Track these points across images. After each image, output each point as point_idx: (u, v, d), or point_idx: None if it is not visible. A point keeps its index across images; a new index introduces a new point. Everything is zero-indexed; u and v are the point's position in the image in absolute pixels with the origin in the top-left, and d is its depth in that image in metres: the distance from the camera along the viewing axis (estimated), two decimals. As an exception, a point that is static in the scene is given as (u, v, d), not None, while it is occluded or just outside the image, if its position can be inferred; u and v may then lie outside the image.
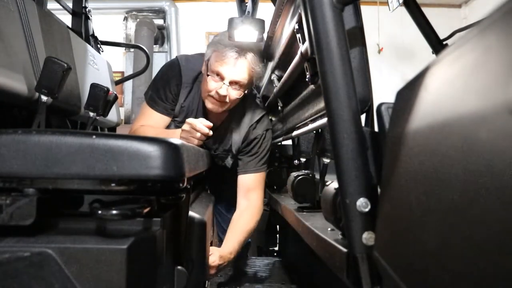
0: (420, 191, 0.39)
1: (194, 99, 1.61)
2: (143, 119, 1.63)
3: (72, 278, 0.58)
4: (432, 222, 0.36)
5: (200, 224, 0.92)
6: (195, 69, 1.61)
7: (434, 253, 0.35)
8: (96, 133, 0.63)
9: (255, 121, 1.64)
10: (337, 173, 0.63)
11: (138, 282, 0.62)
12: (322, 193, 0.81)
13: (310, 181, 1.18)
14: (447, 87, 0.37)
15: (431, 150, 0.37)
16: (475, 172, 0.29)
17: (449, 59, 0.38)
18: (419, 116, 0.42)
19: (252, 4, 1.42)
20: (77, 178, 0.62)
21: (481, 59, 0.31)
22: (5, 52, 1.12)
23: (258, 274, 1.75)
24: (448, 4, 5.49)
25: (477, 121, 0.29)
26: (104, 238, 0.62)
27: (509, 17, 0.28)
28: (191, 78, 1.60)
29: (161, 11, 5.34)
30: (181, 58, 1.66)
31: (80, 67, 1.74)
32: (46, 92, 1.18)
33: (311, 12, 0.65)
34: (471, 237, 0.29)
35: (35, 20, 1.36)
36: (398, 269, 0.44)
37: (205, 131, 1.40)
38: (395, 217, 0.47)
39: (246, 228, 1.58)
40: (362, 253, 0.60)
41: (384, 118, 0.61)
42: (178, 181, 0.68)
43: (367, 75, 0.79)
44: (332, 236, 0.79)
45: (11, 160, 0.59)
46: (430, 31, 1.56)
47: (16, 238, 0.60)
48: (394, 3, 1.45)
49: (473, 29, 0.34)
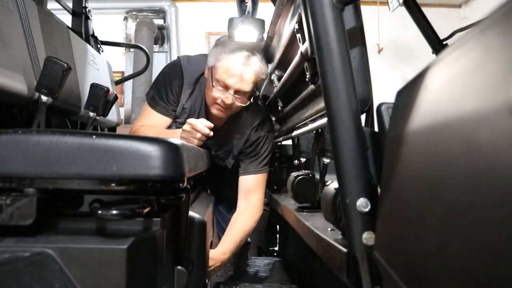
0: (420, 191, 0.39)
1: (196, 100, 1.60)
2: (143, 119, 1.62)
3: (72, 278, 0.58)
4: (432, 222, 0.36)
5: (200, 224, 0.92)
6: (197, 70, 1.60)
7: (434, 253, 0.35)
8: (96, 133, 0.63)
9: (257, 123, 1.63)
10: (337, 173, 0.63)
11: (138, 282, 0.62)
12: (322, 193, 0.81)
13: (310, 181, 1.18)
14: (447, 87, 0.37)
15: (431, 150, 0.37)
16: (475, 172, 0.29)
17: (449, 59, 0.38)
18: (419, 116, 0.42)
19: (252, 4, 1.42)
20: (77, 178, 0.62)
21: (481, 59, 0.31)
22: (5, 52, 1.13)
23: (258, 274, 1.75)
24: (448, 4, 5.49)
25: (477, 121, 0.29)
26: (104, 238, 0.62)
27: (509, 17, 0.28)
28: (193, 79, 1.59)
29: (161, 11, 5.34)
30: (183, 58, 1.65)
31: (80, 67, 1.74)
32: (46, 92, 1.18)
33: (311, 12, 0.65)
34: (471, 237, 0.29)
35: (35, 20, 1.36)
36: (398, 269, 0.44)
37: (206, 132, 1.39)
38: (395, 217, 0.47)
39: (243, 228, 1.58)
40: (362, 253, 0.60)
41: (384, 118, 0.61)
42: (178, 181, 0.68)
43: (367, 75, 0.79)
44: (332, 236, 0.79)
45: (11, 160, 0.59)
46: (430, 31, 1.56)
47: (16, 238, 0.60)
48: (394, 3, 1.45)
49: (473, 29, 0.34)
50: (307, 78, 0.92)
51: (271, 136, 1.69)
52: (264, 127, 1.66)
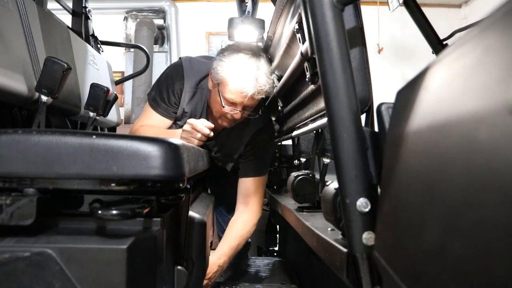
0: (420, 191, 0.39)
1: (197, 105, 1.59)
2: (144, 119, 1.62)
3: (72, 278, 0.58)
4: (432, 222, 0.36)
5: (200, 224, 0.92)
6: (199, 73, 1.58)
7: (434, 253, 0.35)
8: (96, 133, 0.63)
9: (259, 127, 1.62)
10: (337, 173, 0.63)
11: (138, 282, 0.62)
12: (322, 193, 0.81)
13: (310, 181, 1.18)
14: (447, 87, 0.37)
15: (431, 150, 0.37)
16: (475, 172, 0.29)
17: (449, 59, 0.38)
18: (419, 116, 0.42)
19: (252, 4, 1.42)
20: (77, 178, 0.62)
21: (481, 59, 0.31)
22: (5, 52, 1.13)
23: (258, 274, 1.75)
24: (448, 4, 5.49)
25: (477, 121, 0.29)
26: (104, 238, 0.62)
27: (509, 17, 0.28)
28: (194, 82, 1.58)
29: (161, 11, 5.34)
30: (185, 60, 1.63)
31: (80, 67, 1.74)
32: (46, 92, 1.18)
33: (311, 12, 0.65)
34: (471, 237, 0.29)
35: (35, 20, 1.36)
36: (398, 269, 0.44)
37: (206, 132, 1.39)
38: (395, 217, 0.47)
39: (241, 233, 1.58)
40: (362, 253, 0.60)
41: (384, 118, 0.61)
42: (178, 181, 0.68)
43: (367, 75, 0.79)
44: (332, 236, 0.79)
45: (11, 160, 0.59)
46: (430, 31, 1.56)
47: (16, 238, 0.60)
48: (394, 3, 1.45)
49: (473, 29, 0.34)
50: (307, 78, 0.92)
51: (272, 141, 1.69)
52: (266, 131, 1.65)
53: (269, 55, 1.51)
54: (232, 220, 1.62)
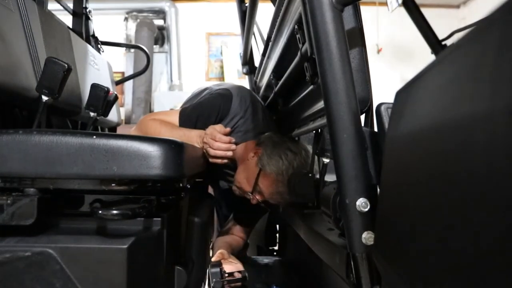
0: (419, 191, 0.39)
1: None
2: (163, 115, 1.51)
3: (72, 277, 0.58)
4: (431, 222, 0.36)
5: (200, 224, 0.92)
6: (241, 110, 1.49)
7: (433, 253, 0.35)
8: (97, 133, 0.63)
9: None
10: (336, 173, 0.63)
11: (138, 281, 0.62)
12: (322, 193, 0.81)
13: (310, 181, 1.18)
14: (446, 88, 0.37)
15: (430, 150, 0.38)
16: (475, 172, 0.29)
17: (448, 59, 0.38)
18: (418, 116, 0.42)
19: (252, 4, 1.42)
20: (77, 178, 0.62)
21: (480, 59, 0.31)
22: (6, 52, 1.13)
23: (258, 274, 1.75)
24: (446, 5, 5.50)
25: (476, 121, 0.29)
26: (105, 238, 0.62)
27: (509, 17, 0.28)
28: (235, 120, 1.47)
29: (161, 11, 5.34)
30: (236, 96, 1.49)
31: (80, 68, 1.74)
32: (47, 92, 1.18)
33: (311, 13, 0.66)
34: (471, 237, 0.29)
35: (35, 21, 1.36)
36: (398, 269, 0.44)
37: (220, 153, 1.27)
38: (395, 217, 0.47)
39: (230, 244, 1.60)
40: (362, 252, 0.60)
41: (384, 118, 0.61)
42: (178, 181, 0.68)
43: (367, 76, 0.79)
44: (332, 236, 0.79)
45: (12, 160, 0.59)
46: (429, 31, 1.56)
47: (17, 238, 0.60)
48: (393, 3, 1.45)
49: (472, 30, 0.34)
50: (307, 78, 0.92)
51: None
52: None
53: (269, 55, 1.51)
54: (225, 229, 1.65)
